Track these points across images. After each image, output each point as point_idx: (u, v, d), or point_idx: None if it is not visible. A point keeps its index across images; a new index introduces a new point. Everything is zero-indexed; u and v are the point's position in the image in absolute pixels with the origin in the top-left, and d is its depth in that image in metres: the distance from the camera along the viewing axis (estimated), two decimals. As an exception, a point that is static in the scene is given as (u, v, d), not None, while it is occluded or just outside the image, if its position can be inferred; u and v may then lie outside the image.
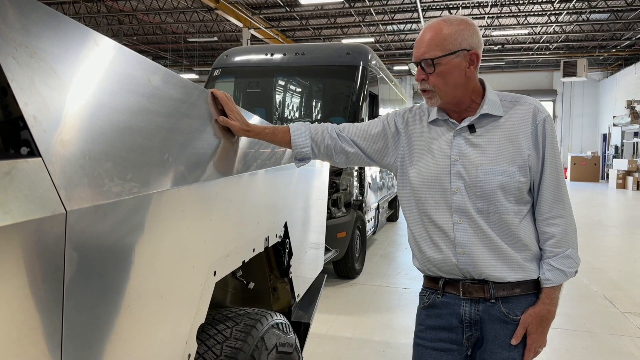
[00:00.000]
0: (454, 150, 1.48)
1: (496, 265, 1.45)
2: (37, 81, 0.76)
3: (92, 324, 0.78)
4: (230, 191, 1.34)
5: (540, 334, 1.48)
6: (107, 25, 17.46)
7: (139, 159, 0.94)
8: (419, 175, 1.53)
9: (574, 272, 1.48)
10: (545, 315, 1.47)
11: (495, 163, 1.43)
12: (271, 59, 6.15)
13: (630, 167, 17.59)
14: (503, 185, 1.42)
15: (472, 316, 1.50)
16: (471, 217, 1.45)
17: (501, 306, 1.47)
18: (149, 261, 0.93)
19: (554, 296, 1.47)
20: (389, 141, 1.61)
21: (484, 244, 1.45)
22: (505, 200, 1.43)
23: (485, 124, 1.47)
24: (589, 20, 16.35)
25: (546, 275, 1.46)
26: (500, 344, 1.48)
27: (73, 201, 0.72)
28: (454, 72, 1.43)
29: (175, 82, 1.26)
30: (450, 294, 1.53)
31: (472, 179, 1.44)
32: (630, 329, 4.09)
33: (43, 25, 0.84)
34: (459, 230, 1.46)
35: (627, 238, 8.51)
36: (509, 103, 1.49)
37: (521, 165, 1.43)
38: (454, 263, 1.48)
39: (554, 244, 1.46)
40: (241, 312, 1.56)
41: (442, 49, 1.40)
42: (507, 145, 1.44)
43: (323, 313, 4.30)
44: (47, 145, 0.72)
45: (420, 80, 1.45)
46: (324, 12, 16.04)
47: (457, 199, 1.46)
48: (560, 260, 1.45)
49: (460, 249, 1.46)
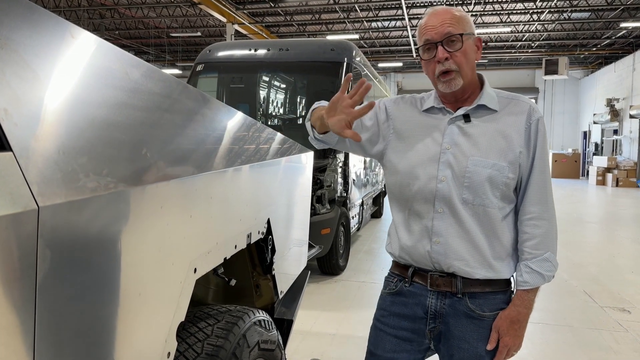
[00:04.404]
0: (446, 139, 1.46)
1: (468, 259, 1.44)
2: (7, 73, 0.73)
3: (67, 323, 0.76)
4: (211, 187, 1.32)
5: (513, 337, 1.45)
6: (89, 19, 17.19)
7: (115, 154, 0.92)
8: (407, 161, 1.51)
9: (552, 277, 1.46)
10: (517, 317, 1.45)
11: (486, 155, 1.42)
12: (255, 54, 6.11)
13: (609, 164, 17.91)
14: (491, 179, 1.41)
15: (438, 309, 1.49)
16: (454, 207, 1.44)
17: (468, 302, 1.46)
18: (126, 258, 0.91)
19: (528, 299, 1.45)
20: (379, 129, 1.60)
21: (460, 236, 1.44)
22: (491, 194, 1.43)
23: (480, 116, 1.47)
24: (571, 19, 16.57)
25: (524, 277, 1.45)
26: (468, 339, 1.47)
27: (46, 197, 0.70)
28: (471, 53, 1.44)
29: (155, 77, 1.24)
30: (418, 284, 1.52)
31: (461, 168, 1.43)
32: (610, 323, 4.16)
33: (14, 15, 0.81)
34: (438, 219, 1.45)
35: (606, 234, 8.66)
36: (505, 99, 1.49)
37: (511, 161, 1.43)
38: (427, 251, 1.47)
39: (534, 245, 1.45)
40: (223, 309, 1.54)
41: (463, 27, 1.41)
42: (500, 140, 1.43)
43: (307, 309, 4.29)
44: (19, 139, 0.70)
45: (443, 60, 1.40)
46: (309, 8, 16.00)
47: (442, 187, 1.44)
48: (539, 263, 1.44)
49: (436, 238, 1.45)
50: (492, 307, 1.47)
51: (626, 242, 7.78)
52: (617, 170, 17.56)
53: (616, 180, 17.42)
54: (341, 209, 5.57)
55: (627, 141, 18.69)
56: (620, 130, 19.27)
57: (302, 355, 3.43)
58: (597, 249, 7.28)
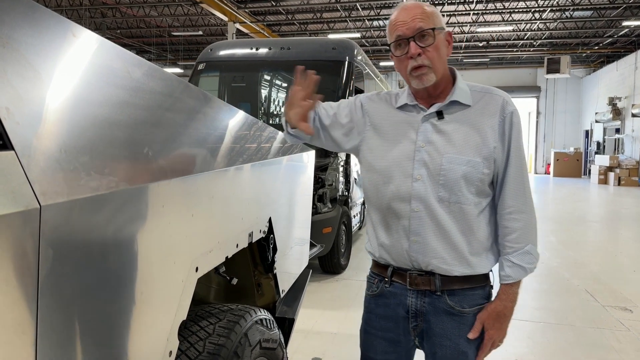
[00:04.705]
0: (420, 137, 1.46)
1: (445, 257, 1.44)
2: (9, 72, 0.74)
3: (69, 322, 0.76)
4: (213, 186, 1.32)
5: (498, 330, 1.48)
6: (90, 18, 17.19)
7: (117, 153, 0.92)
8: (382, 159, 1.51)
9: (533, 268, 1.48)
10: (503, 312, 1.47)
11: (460, 152, 1.42)
12: (256, 53, 6.11)
13: (611, 163, 17.88)
14: (466, 176, 1.41)
15: (418, 307, 1.49)
16: (430, 205, 1.43)
17: (447, 299, 1.47)
18: (128, 257, 0.92)
19: (512, 292, 1.47)
20: (355, 125, 1.60)
21: (437, 234, 1.44)
22: (467, 191, 1.43)
23: (453, 112, 1.46)
24: (573, 18, 16.53)
25: (506, 271, 1.46)
26: (449, 336, 1.48)
27: (48, 196, 0.70)
28: (443, 48, 1.44)
29: (156, 75, 1.24)
30: (398, 284, 1.52)
31: (436, 166, 1.43)
32: (611, 322, 4.16)
33: (16, 14, 0.81)
34: (415, 218, 1.45)
35: (608, 233, 8.65)
36: (478, 93, 1.48)
37: (486, 156, 1.42)
38: (405, 250, 1.47)
39: (514, 239, 1.45)
40: (224, 308, 1.54)
41: (433, 22, 1.41)
42: (474, 135, 1.43)
43: (308, 308, 4.30)
44: (21, 138, 0.70)
45: (416, 55, 1.39)
46: (310, 7, 15.98)
47: (418, 186, 1.44)
48: (520, 256, 1.45)
49: (413, 237, 1.45)
50: (472, 302, 1.49)
51: (628, 241, 7.77)
52: (619, 169, 17.53)
53: (618, 179, 17.39)
54: (343, 208, 5.57)
55: (629, 140, 18.65)
56: (623, 129, 19.22)
57: (304, 354, 3.43)
58: (599, 248, 7.27)
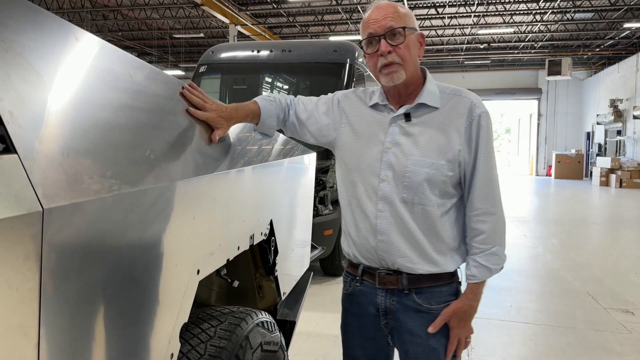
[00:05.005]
0: (388, 138, 1.48)
1: (410, 256, 1.47)
2: (13, 76, 0.74)
3: (71, 325, 0.77)
4: (214, 189, 1.32)
5: (462, 328, 1.50)
6: (92, 21, 17.23)
7: (119, 156, 0.92)
8: (353, 158, 1.54)
9: (499, 269, 1.50)
10: (468, 311, 1.49)
11: (425, 155, 1.44)
12: (258, 55, 6.12)
13: (613, 165, 17.86)
14: (430, 178, 1.43)
15: (387, 305, 1.53)
16: (394, 206, 1.46)
17: (415, 297, 1.50)
18: (130, 260, 0.92)
19: (478, 292, 1.50)
20: (331, 122, 1.63)
21: (402, 234, 1.47)
22: (430, 193, 1.45)
23: (421, 114, 1.48)
24: (574, 20, 16.54)
25: (472, 271, 1.49)
26: (419, 334, 1.50)
27: (50, 199, 0.70)
28: (414, 48, 1.46)
29: (158, 78, 1.24)
30: (368, 282, 1.56)
31: (401, 168, 1.45)
32: (613, 324, 4.15)
33: (20, 18, 0.82)
34: (381, 218, 1.48)
35: (610, 235, 8.64)
36: (448, 95, 1.50)
37: (450, 159, 1.44)
38: (373, 248, 1.50)
39: (482, 240, 1.47)
40: (226, 310, 1.54)
41: (405, 22, 1.44)
42: (439, 138, 1.45)
43: (309, 311, 4.29)
44: (24, 142, 0.70)
45: (386, 52, 1.42)
46: (311, 9, 16.01)
47: (383, 187, 1.47)
48: (486, 257, 1.47)
49: (380, 236, 1.48)
50: (439, 300, 1.51)
51: (630, 244, 7.75)
52: (620, 171, 17.50)
53: (620, 181, 17.36)
54: (344, 210, 5.56)
55: (630, 142, 18.63)
56: (624, 131, 19.20)
57: (305, 357, 3.43)
58: (601, 251, 7.27)
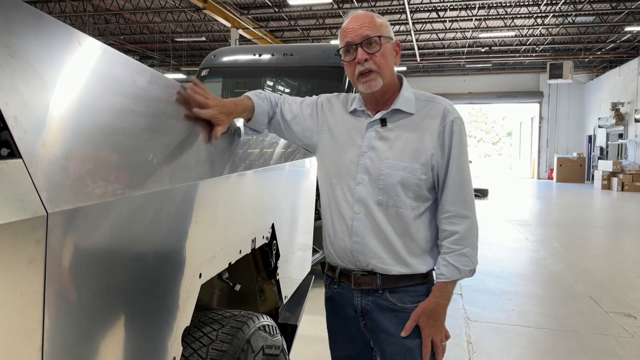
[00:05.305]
0: (365, 142, 1.54)
1: (384, 257, 1.51)
2: (17, 81, 0.75)
3: (74, 328, 0.77)
4: (216, 192, 1.32)
5: (432, 327, 1.51)
6: (94, 24, 17.29)
7: (122, 161, 0.93)
8: (332, 162, 1.59)
9: (469, 271, 1.52)
10: (435, 309, 1.51)
11: (399, 159, 1.49)
12: (259, 59, 6.13)
13: (615, 168, 17.84)
14: (403, 181, 1.48)
15: (363, 306, 1.57)
16: (369, 208, 1.51)
17: (389, 296, 1.53)
18: (133, 264, 0.92)
19: (446, 290, 1.51)
20: (313, 125, 1.67)
21: (376, 236, 1.51)
22: (404, 196, 1.49)
23: (396, 120, 1.53)
24: (575, 23, 16.55)
25: (440, 269, 1.52)
26: (395, 333, 1.53)
27: (54, 203, 0.71)
28: (390, 56, 1.51)
29: (160, 83, 1.25)
30: (345, 284, 1.61)
31: (376, 171, 1.50)
32: (615, 328, 4.14)
33: (24, 23, 0.83)
34: (356, 220, 1.52)
35: (611, 238, 8.62)
36: (423, 102, 1.55)
37: (424, 162, 1.48)
38: (349, 250, 1.54)
39: (453, 241, 1.50)
40: (227, 314, 1.55)
41: (380, 31, 1.49)
42: (413, 142, 1.49)
43: (311, 314, 4.28)
44: (28, 146, 0.71)
45: (363, 60, 1.47)
46: (313, 13, 16.05)
47: (359, 190, 1.52)
48: (456, 257, 1.50)
49: (355, 238, 1.53)
50: (413, 299, 1.54)
51: (632, 247, 7.74)
52: (622, 174, 17.48)
53: (622, 184, 17.34)
54: (345, 214, 5.56)
55: (632, 145, 18.61)
56: (626, 134, 19.19)
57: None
58: (603, 254, 7.25)
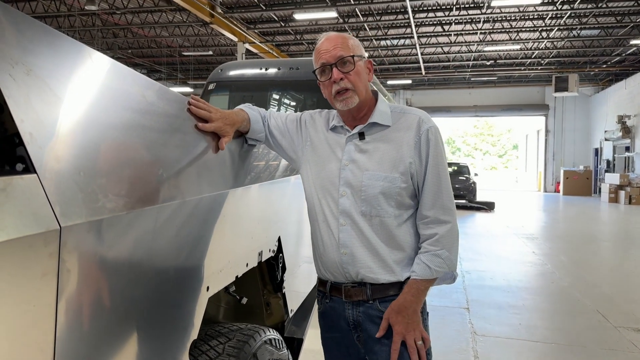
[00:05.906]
0: (345, 156, 1.59)
1: (372, 266, 1.54)
2: (32, 98, 0.77)
3: (85, 340, 0.78)
4: (224, 206, 1.34)
5: (402, 325, 1.50)
6: (102, 39, 17.50)
7: (133, 175, 0.95)
8: (316, 176, 1.63)
9: (441, 272, 1.52)
10: (403, 304, 1.51)
11: (379, 169, 1.54)
12: (266, 73, 6.19)
13: (622, 181, 17.72)
14: (384, 191, 1.52)
15: (355, 318, 1.59)
16: (354, 219, 1.54)
17: (379, 305, 1.55)
18: (142, 277, 0.93)
19: (415, 288, 1.52)
20: (297, 140, 1.72)
21: (364, 246, 1.54)
22: (386, 205, 1.53)
23: (374, 132, 1.59)
24: (580, 37, 16.58)
25: (413, 267, 1.54)
26: (388, 343, 1.53)
27: (67, 217, 0.72)
28: (363, 74, 1.58)
29: (169, 98, 1.27)
30: (336, 298, 1.62)
31: (358, 183, 1.54)
32: (624, 343, 4.09)
33: (39, 42, 0.85)
34: (343, 232, 1.55)
35: (620, 252, 8.55)
36: (398, 114, 1.62)
37: (403, 172, 1.53)
38: (338, 262, 1.56)
39: (430, 242, 1.54)
40: (234, 327, 1.55)
41: (353, 50, 1.55)
42: (392, 153, 1.55)
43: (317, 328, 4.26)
44: (43, 162, 0.73)
45: (338, 79, 1.53)
46: (318, 27, 16.18)
47: (343, 202, 1.56)
48: (430, 256, 1.52)
49: (343, 250, 1.55)
50: None
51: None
52: (629, 187, 17.37)
53: (629, 197, 17.22)
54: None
55: (639, 158, 18.52)
56: (632, 147, 19.10)
57: (312, 374, 3.40)
58: (611, 268, 7.19)
